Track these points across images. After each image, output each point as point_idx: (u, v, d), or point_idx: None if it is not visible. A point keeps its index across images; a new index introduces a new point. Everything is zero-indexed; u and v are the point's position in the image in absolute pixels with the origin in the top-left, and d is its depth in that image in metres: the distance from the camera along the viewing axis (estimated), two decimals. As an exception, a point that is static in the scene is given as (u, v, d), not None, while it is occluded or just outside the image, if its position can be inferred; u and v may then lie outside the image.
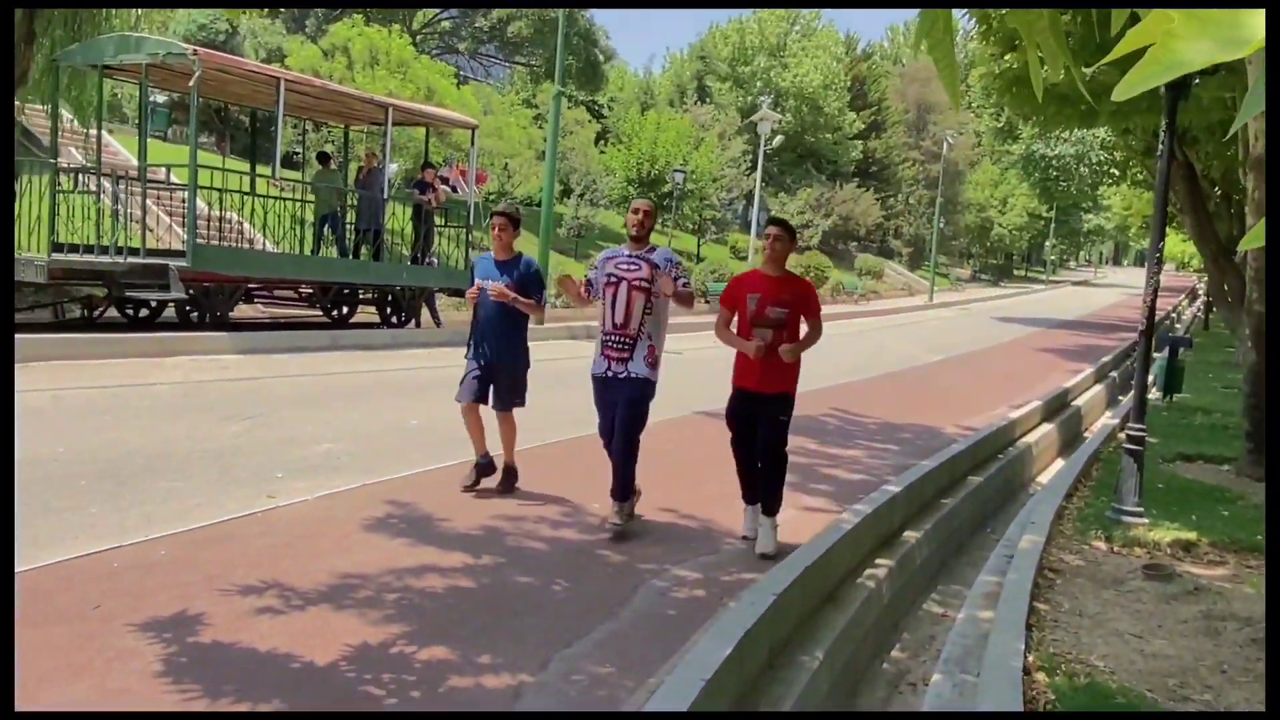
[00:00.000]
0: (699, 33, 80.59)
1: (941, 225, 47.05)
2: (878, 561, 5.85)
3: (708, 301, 28.59)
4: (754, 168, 38.66)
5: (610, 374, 5.55)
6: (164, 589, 4.18)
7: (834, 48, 51.11)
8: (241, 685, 3.38)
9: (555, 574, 4.90)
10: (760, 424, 5.53)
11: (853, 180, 49.90)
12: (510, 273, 6.17)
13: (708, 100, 46.73)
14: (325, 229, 14.85)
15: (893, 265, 51.15)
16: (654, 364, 5.59)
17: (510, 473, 6.40)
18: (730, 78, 49.34)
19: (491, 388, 6.20)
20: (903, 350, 20.51)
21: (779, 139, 40.62)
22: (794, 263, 39.73)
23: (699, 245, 36.58)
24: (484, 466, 6.32)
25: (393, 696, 3.44)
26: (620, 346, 5.53)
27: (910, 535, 6.53)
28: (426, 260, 15.29)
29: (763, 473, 5.59)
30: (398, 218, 15.89)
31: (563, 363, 11.54)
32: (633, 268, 5.56)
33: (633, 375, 5.52)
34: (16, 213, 11.67)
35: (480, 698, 3.48)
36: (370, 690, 3.47)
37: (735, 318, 5.60)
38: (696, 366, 14.51)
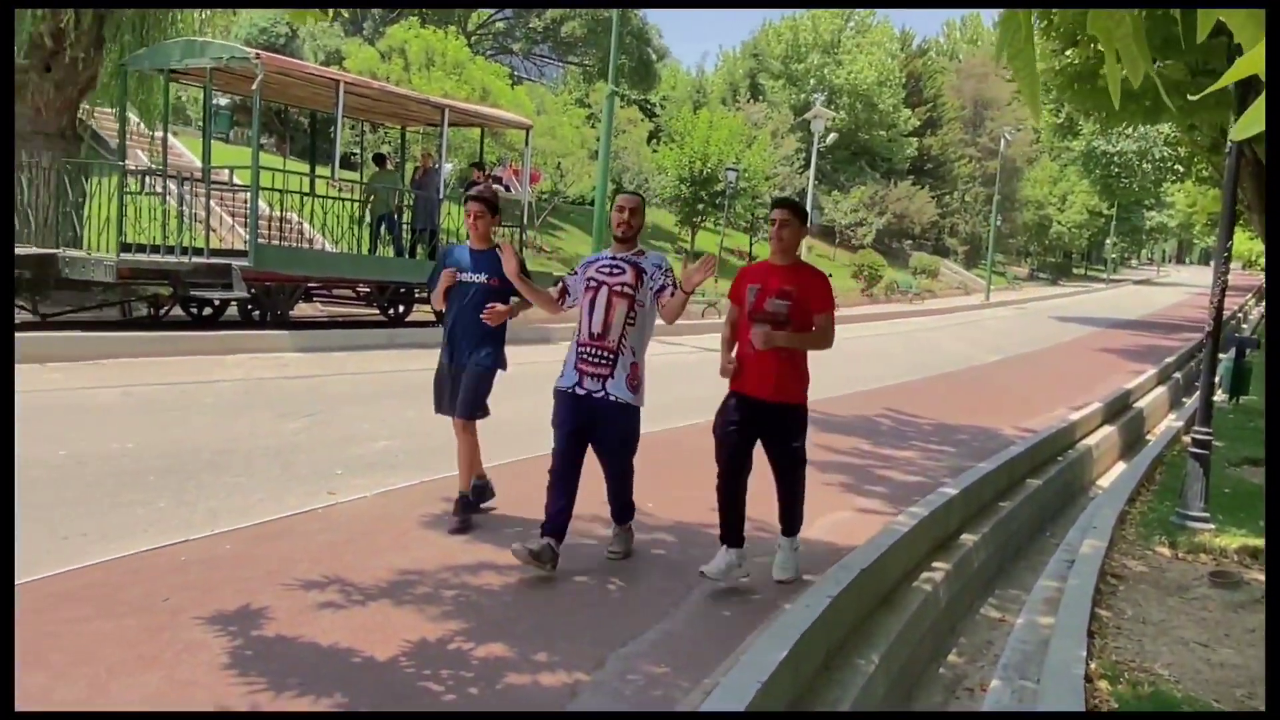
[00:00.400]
0: (752, 31, 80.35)
1: (999, 223, 46.33)
2: (934, 565, 5.79)
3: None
4: (807, 165, 38.42)
5: (583, 390, 4.75)
6: (229, 583, 4.28)
7: (889, 44, 50.60)
8: (305, 679, 3.45)
9: (609, 573, 4.92)
10: (769, 447, 4.74)
11: (907, 178, 49.38)
12: (491, 266, 5.33)
13: (761, 98, 46.54)
14: (382, 229, 15.08)
15: (948, 264, 50.49)
16: (637, 387, 4.81)
17: (470, 496, 5.54)
18: (783, 75, 49.08)
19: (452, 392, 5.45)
20: (958, 350, 20.24)
21: (832, 136, 40.33)
22: (848, 260, 39.65)
23: (751, 243, 36.44)
24: (480, 490, 5.64)
25: (451, 693, 3.49)
26: (597, 360, 4.75)
27: (967, 538, 6.45)
28: None
29: (780, 490, 4.85)
30: (453, 217, 16.07)
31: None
32: (616, 272, 4.82)
33: (612, 397, 4.73)
34: (87, 214, 12.01)
35: (537, 696, 3.52)
36: (429, 686, 3.52)
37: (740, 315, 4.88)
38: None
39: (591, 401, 4.74)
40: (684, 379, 11.34)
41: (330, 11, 4.01)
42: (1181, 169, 29.71)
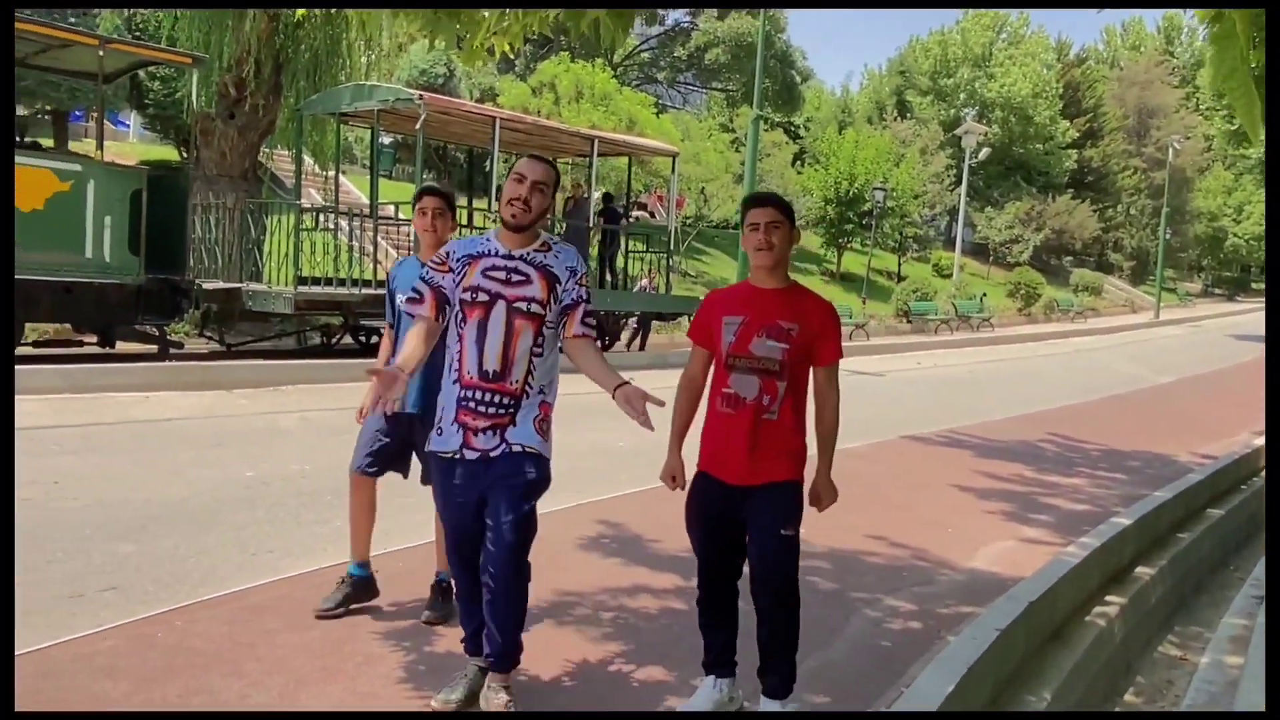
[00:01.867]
0: (898, 47, 79.03)
1: (1168, 236, 43.83)
2: (1107, 598, 5.52)
3: (910, 321, 27.88)
4: (958, 182, 37.41)
5: (469, 452, 3.27)
6: (402, 599, 4.48)
7: (1044, 54, 48.79)
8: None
9: (766, 599, 4.90)
10: (751, 539, 3.32)
11: (1066, 191, 47.36)
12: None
13: (908, 116, 45.64)
14: None
15: (1113, 280, 48.09)
16: (547, 430, 3.39)
17: (444, 590, 4.28)
18: (932, 91, 48.00)
19: (419, 452, 4.05)
20: (1126, 371, 19.24)
21: (985, 151, 39.15)
22: (1003, 279, 38.20)
23: (899, 264, 35.68)
24: (360, 582, 4.32)
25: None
26: (489, 409, 3.25)
27: (1143, 571, 6.13)
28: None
29: (760, 608, 3.38)
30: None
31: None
32: (516, 279, 3.27)
33: (514, 447, 3.27)
34: (267, 250, 12.87)
35: None
36: (592, 707, 3.60)
37: (710, 362, 3.41)
38: (903, 387, 14.12)
39: (487, 462, 3.27)
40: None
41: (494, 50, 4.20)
42: (1377, 174, 27.41)
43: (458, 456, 3.28)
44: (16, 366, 9.40)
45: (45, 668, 3.51)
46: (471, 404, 3.25)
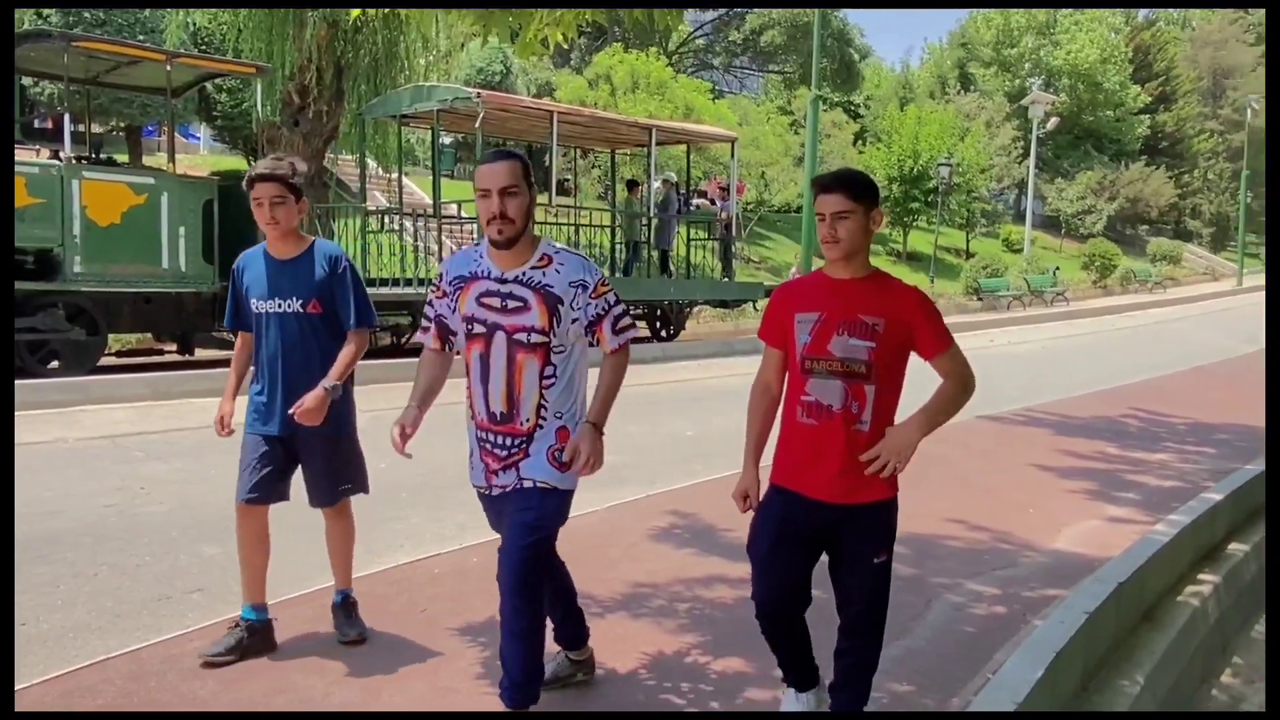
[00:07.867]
0: (959, 20, 77.40)
1: (1249, 200, 42.24)
2: (1200, 577, 5.34)
3: (980, 298, 27.31)
4: (1026, 154, 36.53)
5: (494, 489, 3.22)
6: (478, 594, 4.50)
7: (1111, 18, 47.36)
8: (551, 691, 3.58)
9: (843, 586, 4.83)
10: (836, 565, 3.07)
11: (1140, 159, 45.95)
12: (307, 282, 3.63)
13: (972, 88, 44.68)
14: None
15: (1192, 248, 46.60)
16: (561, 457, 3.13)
17: (348, 607, 4.02)
18: (995, 62, 46.95)
19: (303, 471, 3.95)
20: (1211, 341, 18.60)
21: (1053, 121, 38.14)
22: (1076, 251, 37.21)
23: (968, 240, 34.97)
24: (256, 628, 3.80)
25: (692, 706, 3.53)
26: (503, 451, 3.15)
27: (1237, 548, 5.91)
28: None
29: (846, 650, 3.11)
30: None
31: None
32: (512, 305, 3.01)
33: (524, 483, 3.13)
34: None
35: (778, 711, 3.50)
36: (670, 699, 3.58)
37: (786, 364, 3.01)
38: (976, 366, 13.83)
39: (504, 499, 3.19)
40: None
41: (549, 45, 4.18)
42: None
43: (486, 492, 3.29)
44: (102, 376, 9.72)
45: (136, 669, 3.60)
46: (488, 445, 3.20)
